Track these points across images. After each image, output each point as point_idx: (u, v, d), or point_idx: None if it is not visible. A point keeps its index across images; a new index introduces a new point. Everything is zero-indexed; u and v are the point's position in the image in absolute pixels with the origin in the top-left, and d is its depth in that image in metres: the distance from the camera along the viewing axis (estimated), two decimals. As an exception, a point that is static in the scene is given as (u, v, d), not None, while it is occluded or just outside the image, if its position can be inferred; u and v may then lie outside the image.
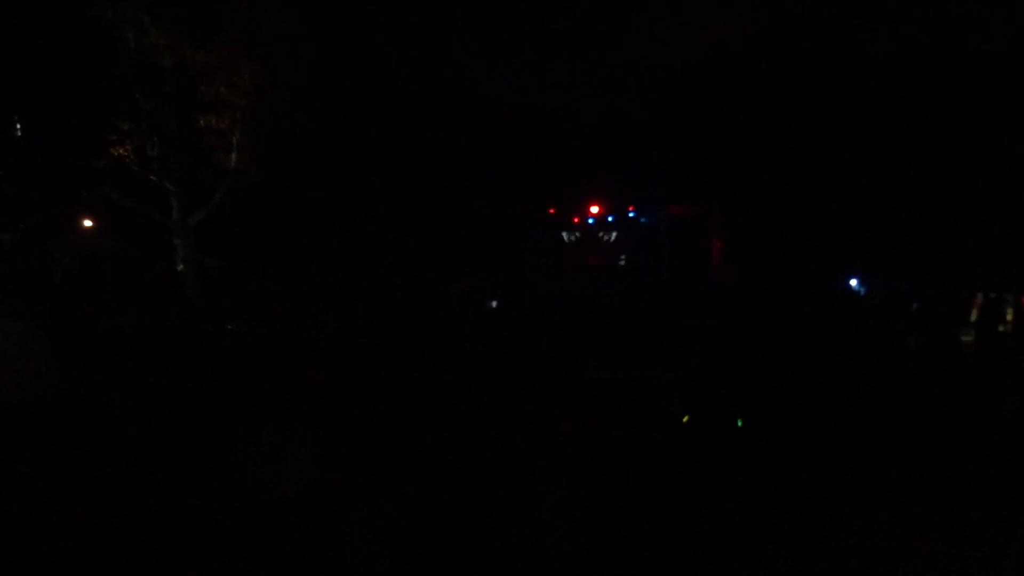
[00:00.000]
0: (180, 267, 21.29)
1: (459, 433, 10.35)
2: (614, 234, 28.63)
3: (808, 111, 25.66)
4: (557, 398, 12.32)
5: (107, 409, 11.30)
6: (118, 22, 18.02)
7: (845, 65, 26.06)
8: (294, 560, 6.32)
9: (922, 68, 24.28)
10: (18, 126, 19.99)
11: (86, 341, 17.56)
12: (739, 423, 10.86)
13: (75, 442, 9.47)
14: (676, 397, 12.29)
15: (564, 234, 28.22)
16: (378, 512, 7.28)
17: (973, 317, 21.11)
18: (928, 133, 23.18)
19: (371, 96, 28.46)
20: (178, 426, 10.43)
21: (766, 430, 10.85)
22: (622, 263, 27.86)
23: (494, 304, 25.64)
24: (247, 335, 20.26)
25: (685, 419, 10.92)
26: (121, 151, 18.92)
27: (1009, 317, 19.74)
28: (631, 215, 28.46)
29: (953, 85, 23.24)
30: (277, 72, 19.29)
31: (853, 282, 25.53)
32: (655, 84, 33.36)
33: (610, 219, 29.26)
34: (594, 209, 28.94)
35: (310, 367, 15.75)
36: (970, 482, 8.39)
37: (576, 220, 29.70)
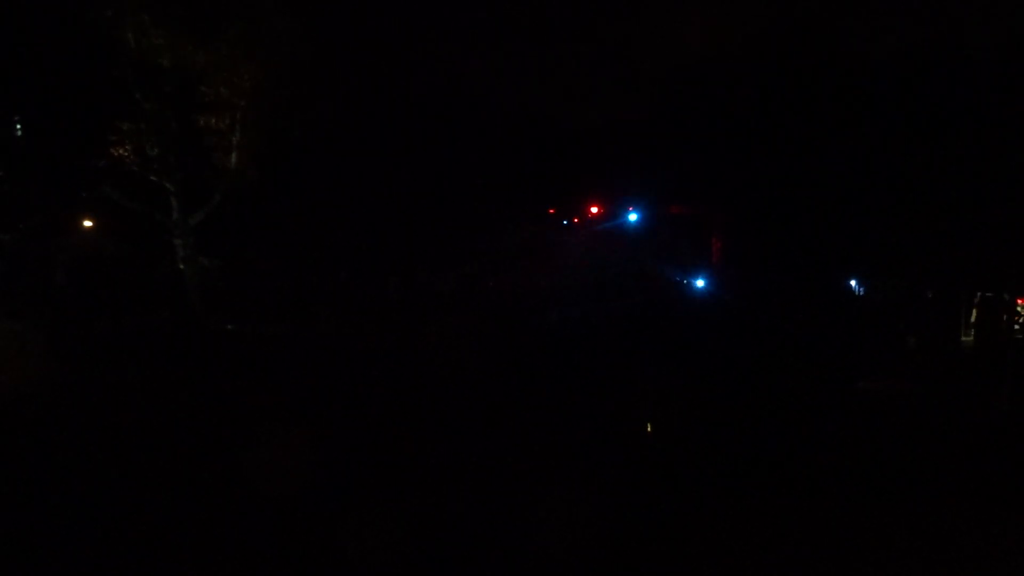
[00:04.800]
0: (181, 267, 21.27)
1: (460, 433, 10.35)
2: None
3: (808, 112, 25.64)
4: (560, 400, 12.32)
5: (107, 409, 11.30)
6: (118, 22, 17.97)
7: (844, 66, 26.03)
8: (294, 560, 6.32)
9: (922, 68, 24.26)
10: (18, 126, 19.95)
11: (86, 341, 17.56)
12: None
13: (75, 442, 9.47)
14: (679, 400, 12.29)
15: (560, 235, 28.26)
16: (378, 512, 7.28)
17: (973, 317, 21.10)
18: (928, 133, 23.16)
19: (370, 97, 28.44)
20: (178, 426, 10.42)
21: (766, 430, 10.86)
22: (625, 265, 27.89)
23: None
24: (247, 335, 20.26)
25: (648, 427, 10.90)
26: (121, 151, 18.87)
27: (1006, 318, 19.74)
28: (631, 215, 28.49)
29: (953, 85, 23.22)
30: (277, 72, 19.26)
31: (853, 282, 25.54)
32: (655, 85, 33.39)
33: (609, 219, 29.30)
34: (594, 210, 28.96)
35: (310, 367, 15.75)
36: (970, 482, 8.40)
37: (576, 220, 29.74)
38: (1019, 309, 21.28)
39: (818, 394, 13.09)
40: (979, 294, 21.54)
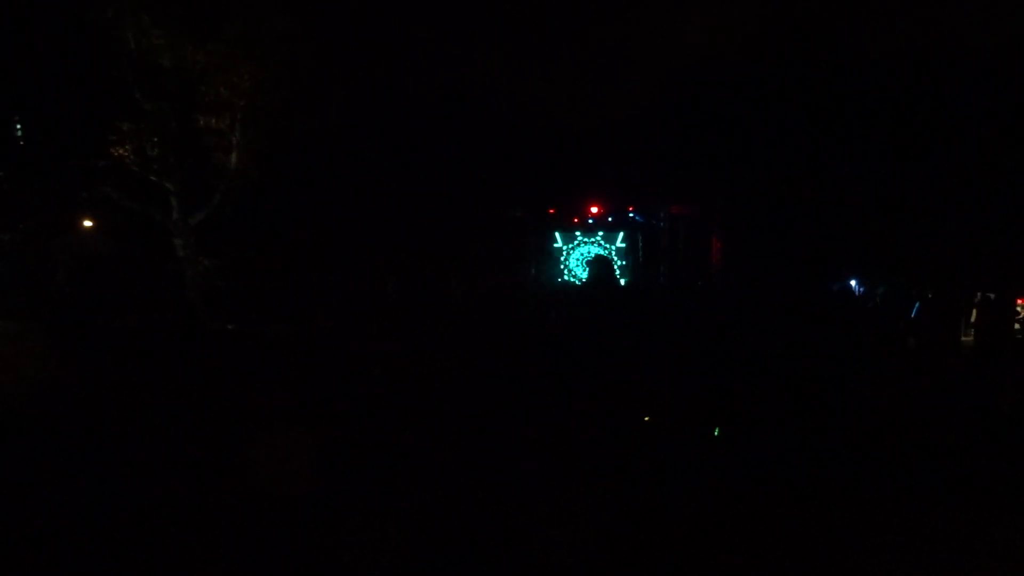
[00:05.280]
0: (181, 267, 21.32)
1: (460, 433, 10.35)
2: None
3: (807, 111, 25.68)
4: (560, 400, 12.32)
5: (107, 409, 11.30)
6: (118, 22, 17.99)
7: (844, 65, 26.06)
8: (294, 560, 6.32)
9: (921, 68, 24.29)
10: (18, 126, 19.97)
11: (86, 341, 17.57)
12: (716, 432, 10.84)
13: (75, 442, 9.47)
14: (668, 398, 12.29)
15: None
16: (378, 512, 7.28)
17: (973, 317, 21.11)
18: (927, 133, 23.19)
19: (370, 96, 28.47)
20: (178, 426, 10.43)
21: (765, 431, 10.86)
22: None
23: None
24: (247, 335, 20.29)
25: (647, 419, 10.85)
26: (121, 151, 18.90)
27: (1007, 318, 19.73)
28: (631, 215, 28.48)
29: (952, 85, 23.25)
30: (277, 72, 19.28)
31: (853, 282, 25.57)
32: (655, 84, 33.45)
33: (610, 219, 29.33)
34: (594, 210, 28.99)
35: (310, 367, 15.77)
36: (970, 482, 8.40)
37: (576, 220, 29.77)
38: (1019, 309, 21.29)
39: (818, 394, 13.08)
40: (979, 294, 21.57)
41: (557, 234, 29.44)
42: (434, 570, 6.22)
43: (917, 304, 21.09)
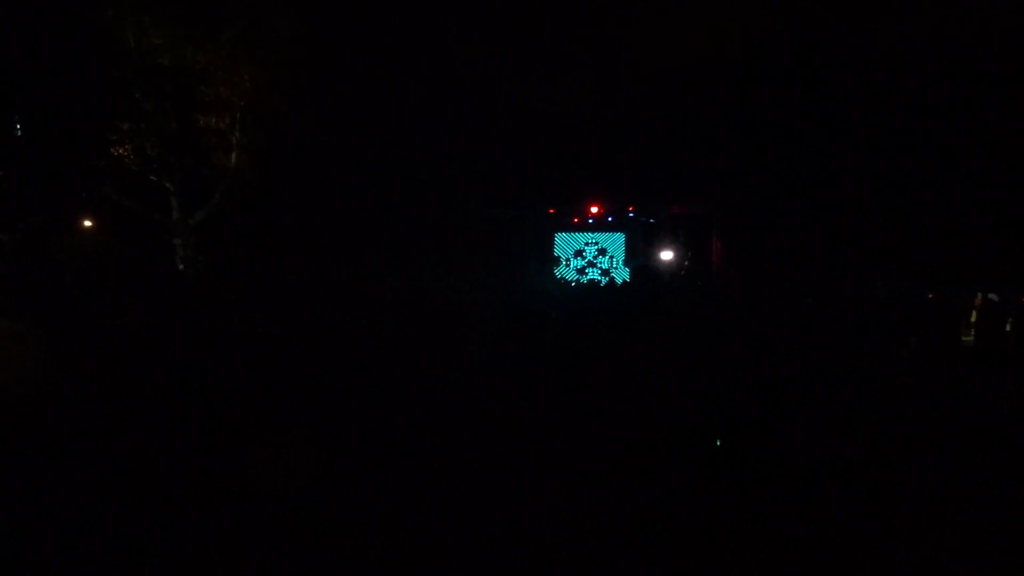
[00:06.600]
0: (180, 267, 21.32)
1: (461, 433, 10.35)
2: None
3: (808, 111, 25.70)
4: (560, 400, 12.31)
5: (107, 409, 11.29)
6: (118, 22, 18.01)
7: (845, 65, 26.08)
8: (294, 560, 6.32)
9: (922, 68, 24.30)
10: (18, 126, 19.98)
11: (86, 341, 17.54)
12: (718, 443, 10.83)
13: (75, 442, 9.46)
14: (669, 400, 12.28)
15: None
16: (378, 512, 7.28)
17: (973, 317, 21.11)
18: (928, 133, 23.21)
19: (370, 96, 28.46)
20: (178, 426, 10.42)
21: (764, 431, 10.85)
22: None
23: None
24: (247, 335, 20.25)
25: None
26: (121, 151, 18.91)
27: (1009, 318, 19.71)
28: (630, 215, 28.49)
29: (953, 85, 23.26)
30: (277, 72, 19.29)
31: (853, 283, 25.56)
32: (655, 84, 33.39)
33: (610, 219, 29.33)
34: (594, 209, 29.00)
35: (311, 366, 15.75)
36: (970, 482, 8.39)
37: (576, 220, 29.77)
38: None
39: (817, 394, 13.08)
40: (979, 294, 21.58)
41: (557, 234, 29.44)
42: (434, 570, 6.22)
43: (918, 304, 21.08)
